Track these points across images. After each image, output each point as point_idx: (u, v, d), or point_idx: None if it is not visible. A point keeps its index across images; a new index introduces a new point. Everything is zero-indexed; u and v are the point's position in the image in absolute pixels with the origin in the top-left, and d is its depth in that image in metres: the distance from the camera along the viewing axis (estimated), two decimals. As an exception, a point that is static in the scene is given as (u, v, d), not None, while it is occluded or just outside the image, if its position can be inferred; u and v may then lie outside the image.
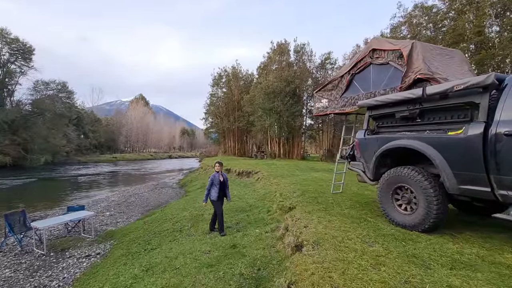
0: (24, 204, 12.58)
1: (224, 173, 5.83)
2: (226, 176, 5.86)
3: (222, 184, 5.65)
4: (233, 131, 37.65)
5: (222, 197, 5.74)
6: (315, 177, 10.65)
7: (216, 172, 5.63)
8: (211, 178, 5.60)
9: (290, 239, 4.07)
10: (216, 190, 5.54)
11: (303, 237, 3.83)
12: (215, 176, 5.59)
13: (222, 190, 5.65)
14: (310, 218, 4.63)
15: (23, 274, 5.27)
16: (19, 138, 34.81)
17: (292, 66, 26.67)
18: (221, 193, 5.66)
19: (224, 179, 5.71)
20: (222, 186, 5.63)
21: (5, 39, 34.15)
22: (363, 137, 4.94)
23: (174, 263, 4.34)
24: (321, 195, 6.84)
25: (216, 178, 5.57)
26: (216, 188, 5.54)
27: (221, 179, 5.61)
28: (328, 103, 6.40)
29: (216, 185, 5.54)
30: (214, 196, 5.55)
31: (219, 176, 5.60)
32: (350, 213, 4.94)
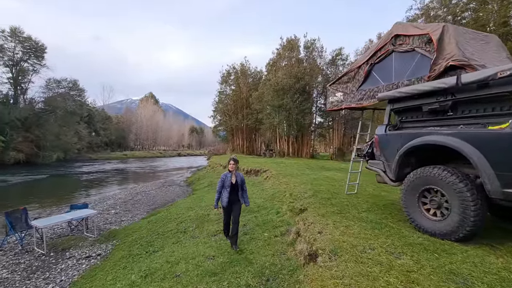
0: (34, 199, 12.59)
1: (240, 173, 4.63)
2: (242, 176, 4.61)
3: (235, 186, 4.46)
4: (241, 129, 37.31)
5: (235, 202, 4.51)
6: (327, 177, 10.14)
7: (229, 171, 4.49)
8: (221, 178, 4.52)
9: (303, 246, 3.64)
10: (226, 194, 4.46)
11: (318, 245, 3.39)
12: (227, 176, 4.48)
13: (234, 194, 4.50)
14: (325, 222, 4.18)
15: (20, 275, 5.03)
16: (32, 135, 35.48)
17: (302, 63, 26.03)
18: (234, 197, 4.50)
19: (239, 180, 4.49)
20: (234, 189, 4.48)
21: (18, 38, 34.78)
22: (383, 133, 4.44)
23: (175, 269, 3.98)
24: (335, 196, 6.36)
25: (227, 179, 4.45)
26: (226, 191, 4.46)
27: (234, 180, 4.43)
28: (343, 97, 5.90)
29: (226, 187, 4.44)
30: (224, 201, 4.47)
31: (231, 177, 4.46)
32: (368, 217, 4.46)
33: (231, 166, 4.44)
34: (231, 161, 4.47)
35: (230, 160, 4.48)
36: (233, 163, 4.44)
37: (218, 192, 4.54)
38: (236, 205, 4.52)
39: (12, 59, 35.07)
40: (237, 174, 4.53)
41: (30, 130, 35.69)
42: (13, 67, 35.61)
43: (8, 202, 12.25)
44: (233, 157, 4.57)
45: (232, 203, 4.49)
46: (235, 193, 4.51)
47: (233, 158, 4.51)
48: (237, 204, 4.53)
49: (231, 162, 4.45)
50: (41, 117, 37.44)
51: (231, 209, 4.52)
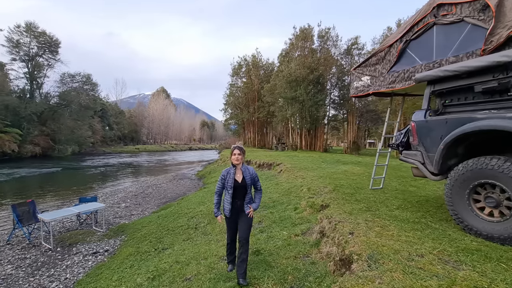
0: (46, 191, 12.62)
1: (250, 167, 3.25)
2: (253, 172, 3.22)
3: (241, 187, 3.10)
4: (252, 122, 36.79)
5: (242, 211, 3.15)
6: (345, 170, 9.54)
7: (232, 165, 3.15)
8: (222, 175, 3.19)
9: (332, 249, 3.13)
10: (228, 198, 3.09)
11: (351, 249, 2.87)
12: (229, 172, 3.13)
13: (240, 198, 3.13)
14: (355, 221, 3.65)
15: (24, 271, 4.78)
16: (47, 129, 36.28)
17: (316, 53, 25.07)
18: (240, 203, 3.13)
19: (248, 178, 3.14)
20: (240, 191, 3.11)
21: (33, 33, 35.29)
22: (423, 120, 3.82)
23: (185, 271, 3.57)
24: (358, 192, 5.79)
25: (229, 177, 3.10)
26: (228, 194, 3.10)
27: (239, 178, 3.12)
28: (370, 81, 5.27)
29: (228, 189, 3.08)
30: (225, 208, 3.14)
31: (234, 173, 3.11)
32: (403, 216, 3.89)
33: (236, 157, 3.08)
34: (235, 150, 3.11)
35: (234, 150, 3.11)
36: (238, 153, 3.08)
37: (217, 194, 3.21)
38: (244, 215, 3.13)
39: (27, 54, 35.74)
40: (244, 168, 3.15)
41: (46, 124, 36.48)
42: (29, 62, 36.30)
43: (22, 193, 12.32)
44: (237, 145, 3.20)
45: (238, 212, 3.14)
46: (241, 196, 3.11)
47: (237, 147, 3.14)
48: (246, 214, 3.12)
49: (235, 152, 3.09)
50: (56, 111, 38.18)
51: (236, 222, 3.16)
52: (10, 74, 36.36)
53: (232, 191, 3.09)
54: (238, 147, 3.18)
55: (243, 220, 3.15)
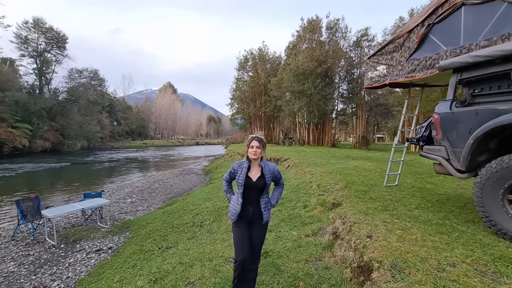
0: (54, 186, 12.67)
1: (270, 163, 2.56)
2: (274, 168, 2.53)
3: (254, 188, 2.42)
4: (259, 117, 36.44)
5: (256, 219, 2.45)
6: (355, 166, 9.18)
7: (247, 159, 2.48)
8: (231, 169, 2.53)
9: (348, 254, 2.85)
10: (238, 199, 2.44)
11: (371, 255, 2.58)
12: (241, 166, 2.46)
13: (254, 201, 2.44)
14: (372, 222, 3.35)
15: (26, 269, 4.66)
16: (57, 124, 36.74)
17: (324, 45, 24.40)
18: (254, 207, 2.44)
19: (268, 176, 2.44)
20: (251, 192, 2.43)
21: (40, 28, 35.51)
22: (448, 111, 3.47)
23: (189, 274, 3.35)
24: (372, 189, 5.47)
25: (241, 172, 2.43)
26: (238, 194, 2.45)
27: (254, 176, 2.44)
28: (387, 70, 4.90)
29: (239, 186, 2.44)
30: (232, 212, 2.45)
31: (248, 168, 2.45)
32: (424, 217, 3.57)
33: (253, 151, 2.39)
34: (253, 141, 2.41)
35: (252, 140, 2.42)
36: (256, 145, 2.39)
37: (225, 181, 2.62)
38: (259, 225, 2.45)
39: (36, 50, 36.05)
40: (264, 164, 2.46)
41: (55, 119, 36.94)
42: (37, 57, 36.64)
43: (32, 188, 12.39)
44: (256, 135, 2.49)
45: (250, 220, 2.44)
46: (255, 201, 2.42)
47: (256, 137, 2.45)
48: (261, 223, 2.45)
49: (252, 144, 2.40)
50: (65, 107, 38.60)
51: (247, 232, 2.44)
52: (20, 70, 36.87)
53: (243, 191, 2.40)
54: (257, 137, 2.45)
55: (257, 231, 2.48)
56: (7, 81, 32.44)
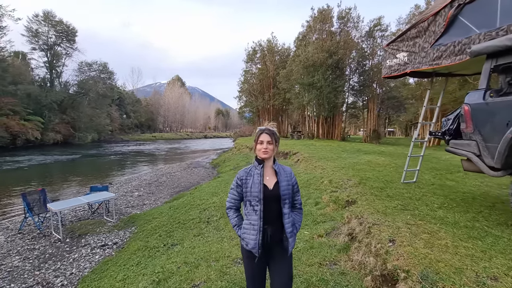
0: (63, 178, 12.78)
1: (286, 167, 1.88)
2: (290, 175, 1.84)
3: (273, 200, 1.74)
4: (267, 110, 35.98)
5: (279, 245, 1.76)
6: (369, 161, 8.80)
7: (257, 160, 1.80)
8: (236, 179, 1.83)
9: (369, 260, 2.58)
10: (255, 220, 1.71)
11: (395, 262, 2.30)
12: (251, 173, 1.79)
13: (272, 221, 1.73)
14: (393, 224, 3.05)
15: (31, 264, 4.58)
16: (68, 117, 37.29)
17: (335, 36, 23.63)
18: (271, 229, 1.73)
19: (283, 185, 1.76)
20: (270, 206, 1.73)
21: (50, 22, 35.73)
22: (481, 102, 3.10)
23: (194, 275, 3.15)
24: (389, 186, 5.14)
25: (254, 179, 1.75)
26: (254, 213, 1.72)
27: (270, 183, 1.77)
28: (408, 58, 4.50)
29: (254, 203, 1.73)
30: (250, 239, 1.71)
31: (261, 174, 1.75)
32: (451, 218, 3.25)
33: (263, 147, 1.75)
34: (262, 135, 1.77)
35: (261, 134, 1.78)
36: (267, 140, 1.75)
37: (233, 210, 1.88)
38: (283, 255, 1.76)
39: (46, 43, 36.37)
40: (278, 168, 1.81)
41: (66, 112, 37.48)
42: (48, 51, 36.99)
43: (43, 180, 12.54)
44: (266, 126, 1.82)
45: (270, 247, 1.76)
46: (275, 217, 1.75)
47: (266, 130, 1.79)
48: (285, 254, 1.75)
49: (262, 139, 1.76)
50: (75, 100, 39.06)
51: (266, 266, 1.82)
52: (31, 63, 37.38)
53: (263, 207, 1.69)
54: (268, 130, 1.78)
55: (281, 263, 1.75)
56: (19, 75, 32.97)
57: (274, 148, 1.79)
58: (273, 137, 1.79)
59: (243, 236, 1.77)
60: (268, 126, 1.84)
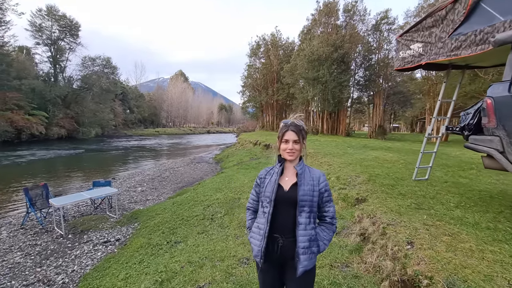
0: (67, 173, 12.75)
1: (315, 170, 1.57)
2: (319, 178, 1.52)
3: (287, 203, 1.48)
4: (271, 105, 35.72)
5: (286, 255, 1.47)
6: (376, 157, 8.59)
7: (279, 161, 1.58)
8: (259, 176, 1.63)
9: (386, 264, 2.41)
10: (262, 223, 1.50)
11: (416, 267, 2.13)
12: (271, 172, 1.58)
13: (283, 230, 1.48)
14: (409, 224, 2.88)
15: (32, 260, 4.50)
16: (71, 112, 37.38)
17: (341, 29, 23.17)
18: (283, 240, 1.46)
19: (306, 189, 1.46)
20: (283, 210, 1.49)
21: (54, 16, 35.58)
22: (507, 94, 2.88)
23: (198, 276, 3.01)
24: (400, 183, 4.95)
25: (270, 179, 1.54)
26: (262, 215, 1.52)
27: (287, 183, 1.52)
28: (423, 49, 4.27)
29: (265, 203, 1.52)
30: (255, 244, 1.51)
31: (280, 173, 1.55)
32: (470, 219, 3.06)
33: (289, 147, 1.49)
34: (288, 132, 1.50)
35: (286, 130, 1.51)
36: (294, 139, 1.49)
37: (250, 212, 1.71)
38: (295, 275, 1.44)
39: (50, 37, 36.28)
40: (301, 169, 1.52)
41: (70, 107, 37.56)
42: (51, 46, 36.92)
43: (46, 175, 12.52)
44: (292, 120, 1.55)
45: (282, 260, 1.51)
46: (287, 222, 1.48)
47: (292, 125, 1.51)
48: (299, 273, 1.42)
49: (287, 136, 1.50)
50: (79, 95, 39.09)
51: (277, 280, 1.56)
52: (35, 58, 37.40)
53: (272, 210, 1.47)
54: (294, 125, 1.51)
55: (292, 285, 1.51)
56: (24, 69, 33.05)
57: (301, 147, 1.53)
58: (301, 135, 1.51)
59: (250, 239, 1.59)
60: (294, 119, 1.55)
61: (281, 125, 1.57)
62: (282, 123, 1.58)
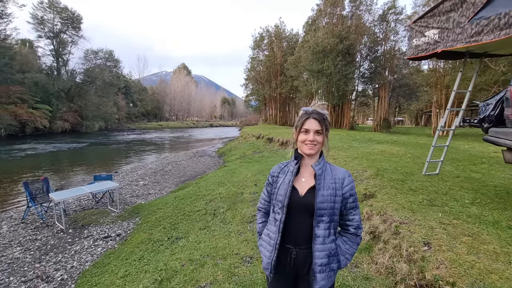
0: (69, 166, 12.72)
1: (338, 168, 1.32)
2: (344, 177, 1.27)
3: (302, 210, 1.24)
4: (274, 98, 35.34)
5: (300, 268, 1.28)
6: (382, 151, 8.36)
7: (295, 157, 1.32)
8: (271, 174, 1.39)
9: (401, 266, 2.23)
10: (273, 232, 1.30)
11: (435, 271, 1.95)
12: (285, 170, 1.35)
13: (297, 240, 1.27)
14: (424, 222, 2.69)
15: (32, 256, 4.41)
16: (75, 106, 37.38)
17: (346, 20, 22.61)
18: (296, 252, 1.26)
19: (326, 193, 1.21)
20: (298, 218, 1.26)
21: (55, 8, 35.28)
22: (534, 83, 2.64)
23: (199, 275, 2.87)
24: (409, 178, 4.74)
25: (284, 178, 1.30)
26: (273, 222, 1.32)
27: (304, 186, 1.27)
28: (439, 35, 4.00)
29: (276, 208, 1.30)
30: (265, 254, 1.32)
31: (296, 173, 1.28)
32: (488, 217, 2.86)
33: (310, 139, 1.22)
34: (309, 121, 1.24)
35: (307, 119, 1.24)
36: (315, 129, 1.22)
37: (261, 213, 1.50)
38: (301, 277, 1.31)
39: (52, 30, 36.05)
40: (321, 168, 1.25)
41: (73, 100, 37.54)
42: (54, 38, 36.71)
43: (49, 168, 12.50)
44: (314, 107, 1.28)
45: (295, 273, 1.32)
46: (303, 231, 1.25)
47: (314, 113, 1.25)
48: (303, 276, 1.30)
49: (307, 126, 1.24)
50: (82, 88, 38.99)
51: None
52: (38, 51, 37.27)
53: (284, 218, 1.25)
54: (317, 113, 1.26)
55: None
56: (27, 63, 32.96)
57: (323, 140, 1.26)
58: (324, 125, 1.25)
59: (259, 248, 1.40)
60: (317, 107, 1.29)
61: (301, 113, 1.31)
62: (301, 111, 1.32)
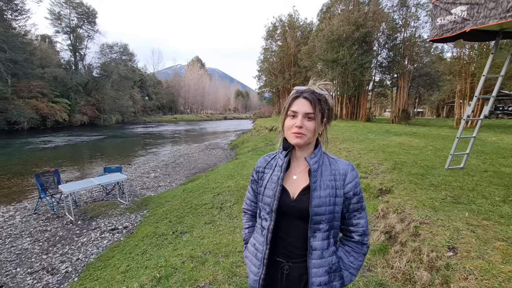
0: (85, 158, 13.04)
1: (340, 160, 1.02)
2: (346, 173, 0.98)
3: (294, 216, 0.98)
4: (288, 90, 34.68)
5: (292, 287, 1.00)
6: (400, 143, 7.89)
7: (284, 148, 1.04)
8: (256, 168, 1.14)
9: (421, 274, 1.95)
10: (260, 243, 1.03)
11: (463, 283, 1.67)
12: (272, 163, 1.09)
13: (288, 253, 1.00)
14: (448, 223, 2.37)
15: (40, 247, 4.44)
16: (92, 99, 38.41)
17: (363, 6, 21.55)
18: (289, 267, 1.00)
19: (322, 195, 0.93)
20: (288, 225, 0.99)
21: (71, 3, 35.98)
22: None
23: (199, 274, 2.71)
24: (430, 172, 4.36)
25: (272, 175, 1.04)
26: (259, 231, 1.06)
27: (297, 186, 0.99)
28: (468, 12, 3.55)
29: (263, 213, 1.03)
30: (251, 271, 1.05)
31: (285, 170, 1.00)
32: (525, 217, 2.50)
33: (298, 124, 0.91)
34: (296, 101, 0.94)
35: (295, 99, 0.95)
36: (305, 111, 0.92)
37: (247, 216, 1.23)
38: None
39: (68, 25, 36.94)
40: (317, 162, 0.98)
41: (90, 94, 38.58)
42: (71, 33, 37.61)
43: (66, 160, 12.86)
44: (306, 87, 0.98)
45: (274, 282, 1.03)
46: (294, 243, 0.99)
47: (304, 92, 0.95)
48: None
49: (295, 108, 0.93)
50: (99, 82, 39.95)
51: None
52: (56, 46, 38.37)
53: (273, 225, 0.99)
54: (309, 92, 0.95)
55: None
56: (46, 58, 34.02)
57: (315, 127, 0.94)
58: (318, 108, 0.93)
59: (245, 260, 1.13)
60: (313, 86, 0.97)
61: (292, 93, 0.99)
62: (294, 90, 1.00)
